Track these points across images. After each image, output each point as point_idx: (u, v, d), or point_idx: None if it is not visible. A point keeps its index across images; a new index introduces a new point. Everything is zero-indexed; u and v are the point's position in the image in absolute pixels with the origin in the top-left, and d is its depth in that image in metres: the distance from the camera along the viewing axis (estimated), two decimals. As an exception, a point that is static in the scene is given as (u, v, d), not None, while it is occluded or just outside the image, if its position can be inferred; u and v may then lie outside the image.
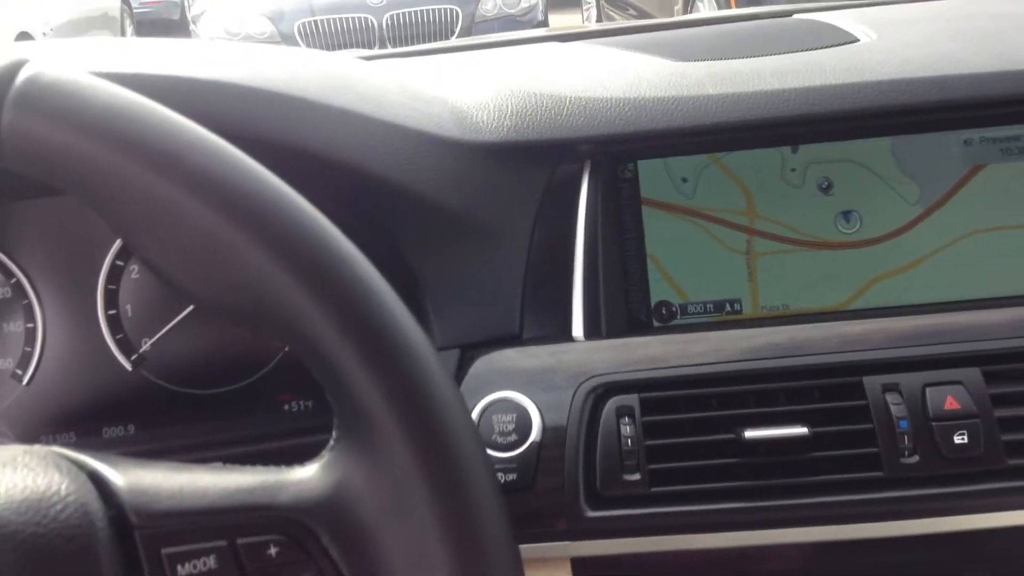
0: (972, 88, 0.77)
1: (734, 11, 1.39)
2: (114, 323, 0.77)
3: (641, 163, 0.84)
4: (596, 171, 0.82)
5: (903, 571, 0.71)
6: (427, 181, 0.74)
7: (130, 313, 0.77)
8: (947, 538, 0.69)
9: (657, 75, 0.83)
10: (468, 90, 0.83)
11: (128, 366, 0.77)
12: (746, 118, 0.77)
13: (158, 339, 0.77)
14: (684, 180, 0.84)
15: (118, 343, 0.77)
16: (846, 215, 0.82)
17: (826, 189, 0.82)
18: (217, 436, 0.75)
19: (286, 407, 0.78)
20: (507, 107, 0.80)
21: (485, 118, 0.79)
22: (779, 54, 0.86)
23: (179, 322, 0.76)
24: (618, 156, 0.83)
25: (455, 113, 0.79)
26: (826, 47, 0.87)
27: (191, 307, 0.75)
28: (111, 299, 0.77)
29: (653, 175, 0.84)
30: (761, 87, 0.79)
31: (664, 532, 0.69)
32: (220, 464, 0.44)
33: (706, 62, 0.86)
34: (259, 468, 0.44)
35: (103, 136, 0.40)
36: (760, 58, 0.85)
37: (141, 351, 0.77)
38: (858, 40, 0.89)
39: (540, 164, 0.80)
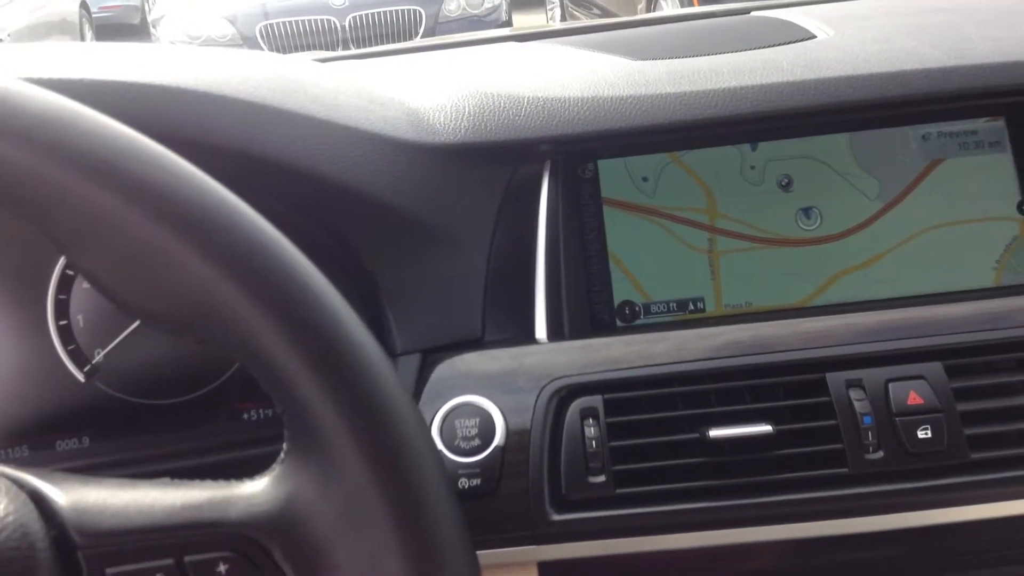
0: (928, 83, 0.78)
1: (694, 9, 1.39)
2: (65, 334, 0.75)
3: (601, 163, 0.83)
4: (556, 171, 0.81)
5: (870, 567, 0.72)
6: (383, 185, 0.73)
7: (82, 323, 0.75)
8: (913, 533, 0.69)
9: (616, 74, 0.83)
10: (425, 92, 0.82)
11: (81, 377, 0.75)
12: (704, 116, 0.77)
13: (111, 349, 0.75)
14: (645, 179, 0.83)
15: (70, 354, 0.75)
16: (806, 211, 0.82)
17: (786, 186, 0.82)
18: (175, 447, 0.74)
19: (246, 416, 0.76)
20: (464, 108, 0.79)
21: (442, 120, 0.78)
22: (737, 52, 0.86)
23: (133, 332, 0.74)
24: (578, 156, 0.83)
25: (411, 115, 0.78)
26: (784, 44, 0.87)
27: None
28: (62, 309, 0.75)
29: (614, 175, 0.83)
30: (719, 85, 0.78)
31: (630, 534, 0.69)
32: (168, 479, 0.43)
33: (665, 60, 0.85)
34: (208, 483, 0.42)
35: (35, 144, 0.38)
36: (718, 56, 0.85)
37: (94, 362, 0.75)
38: (815, 37, 0.89)
39: (499, 165, 0.79)
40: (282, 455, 0.43)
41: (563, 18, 7.22)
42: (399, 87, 0.84)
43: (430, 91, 0.82)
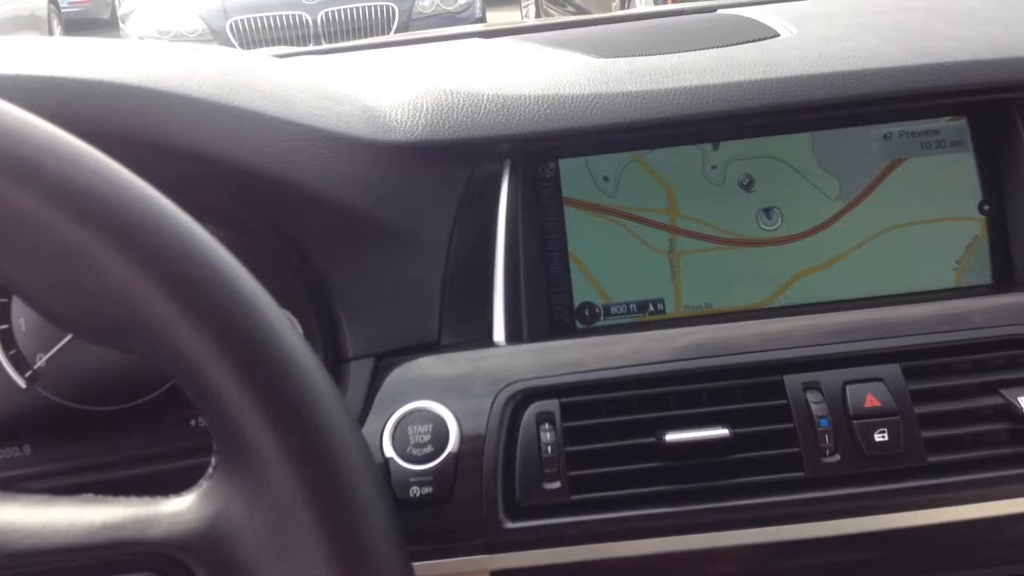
0: (890, 82, 0.77)
1: (660, 7, 1.38)
2: (6, 338, 0.72)
3: (562, 162, 0.82)
4: (516, 170, 0.80)
5: (827, 572, 0.71)
6: (336, 183, 0.71)
7: (24, 327, 0.73)
8: (869, 538, 0.68)
9: (577, 72, 0.81)
10: (383, 88, 0.80)
11: (22, 383, 0.72)
12: (665, 115, 0.76)
13: (54, 354, 0.72)
14: (606, 179, 0.82)
15: (11, 359, 0.73)
16: (767, 212, 0.81)
17: (747, 186, 0.81)
18: (119, 455, 0.71)
19: (193, 423, 0.74)
20: (422, 105, 0.77)
21: (399, 117, 0.76)
22: (700, 50, 0.85)
23: (76, 336, 0.72)
24: (539, 155, 0.82)
25: (367, 112, 0.76)
26: (747, 42, 0.86)
27: None
28: (2, 313, 0.72)
29: (575, 174, 0.82)
30: (681, 83, 0.77)
31: (586, 541, 0.67)
32: (91, 495, 0.41)
33: (627, 58, 0.84)
34: (132, 499, 0.41)
35: None
36: (681, 54, 0.84)
37: (36, 367, 0.73)
38: (779, 35, 0.88)
39: (458, 164, 0.78)
40: (210, 470, 0.41)
41: (538, 15, 7.21)
42: (356, 84, 0.82)
43: (388, 88, 0.81)
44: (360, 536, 0.39)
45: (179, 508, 0.40)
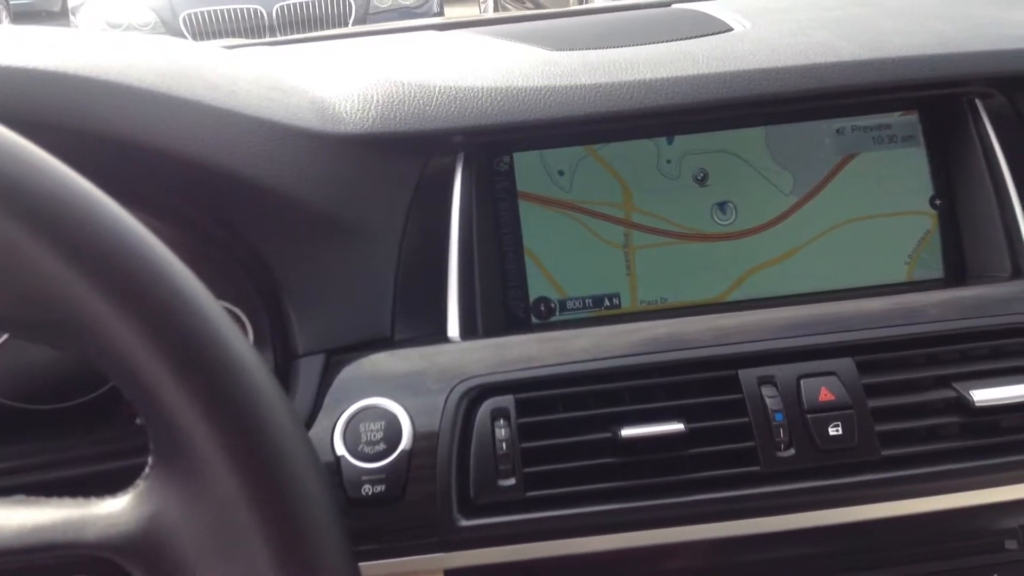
0: (842, 77, 0.77)
1: (616, 3, 1.38)
2: None
3: (517, 155, 0.81)
4: (470, 164, 0.79)
5: (783, 567, 0.71)
6: (284, 176, 0.69)
7: None
8: (824, 532, 0.68)
9: (531, 65, 0.80)
10: (333, 80, 0.79)
11: None
12: (619, 108, 0.75)
13: None
14: (561, 173, 0.81)
15: None
16: (722, 206, 0.81)
17: (702, 180, 0.81)
18: (61, 455, 0.69)
19: (138, 420, 0.72)
20: (373, 97, 0.76)
21: (349, 108, 0.75)
22: (654, 43, 0.84)
23: (9, 334, 0.70)
24: (493, 148, 0.81)
25: (316, 104, 0.75)
26: (701, 36, 0.86)
27: None
28: None
29: (529, 168, 0.81)
30: (634, 77, 0.77)
31: (541, 538, 0.66)
32: (23, 496, 0.39)
33: (581, 51, 0.84)
34: (66, 500, 0.39)
35: None
36: (636, 47, 0.83)
37: None
38: (732, 29, 0.88)
39: (410, 157, 0.76)
40: (147, 469, 0.39)
41: (496, 10, 7.19)
42: (307, 75, 0.80)
43: (339, 79, 0.79)
44: (304, 537, 0.38)
45: (114, 510, 0.38)
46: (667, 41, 0.85)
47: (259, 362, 0.39)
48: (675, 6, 1.06)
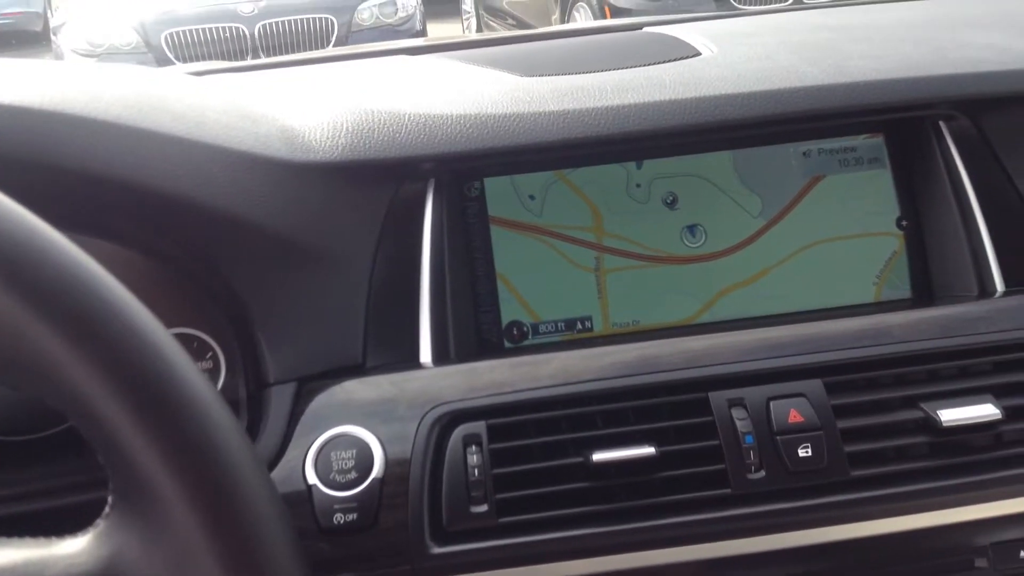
0: (807, 101, 0.78)
1: (588, 24, 1.39)
2: None
3: (488, 181, 0.82)
4: (441, 190, 0.79)
5: None
6: (253, 205, 0.69)
7: None
8: (795, 553, 0.69)
9: (500, 91, 0.81)
10: (302, 107, 0.79)
11: None
12: (587, 134, 0.76)
13: None
14: (532, 197, 0.82)
15: None
16: (691, 229, 0.82)
17: (671, 204, 0.82)
18: (28, 487, 0.69)
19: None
20: (343, 125, 0.76)
21: (319, 137, 0.75)
22: (622, 69, 0.85)
23: None
24: (464, 174, 0.81)
25: (285, 132, 0.75)
26: (669, 61, 0.87)
27: None
28: None
29: (500, 193, 0.82)
30: (602, 103, 0.77)
31: (513, 564, 0.67)
32: (-19, 538, 0.39)
33: (550, 77, 0.84)
34: (26, 540, 0.39)
35: None
36: (604, 73, 0.84)
37: None
38: (700, 54, 0.89)
39: (380, 184, 0.77)
40: (107, 509, 0.39)
41: (479, 28, 7.22)
42: (276, 103, 0.81)
43: (308, 107, 0.79)
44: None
45: (74, 550, 0.38)
46: (636, 66, 0.86)
47: (216, 399, 0.39)
48: (646, 29, 1.07)
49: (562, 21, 5.72)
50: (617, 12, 5.13)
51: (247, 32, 5.23)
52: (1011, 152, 0.82)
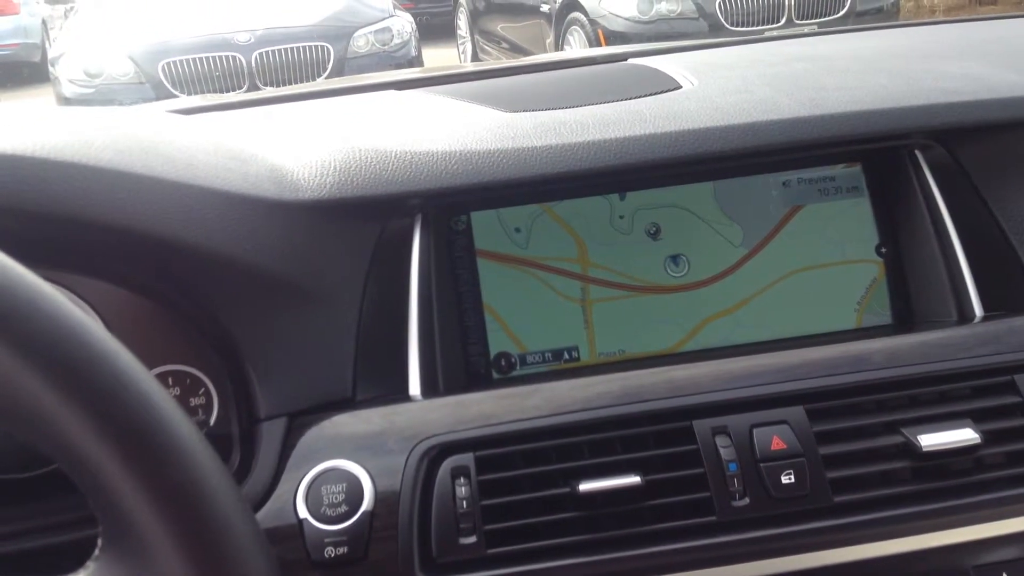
0: (784, 133, 0.80)
1: (574, 55, 1.41)
2: None
3: (474, 214, 0.83)
4: (428, 225, 0.81)
5: None
6: (243, 245, 0.71)
7: None
8: None
9: (485, 127, 0.83)
10: (290, 146, 0.81)
11: None
12: (570, 169, 0.78)
13: None
14: (517, 230, 0.83)
15: None
16: (674, 259, 0.83)
17: (654, 234, 0.84)
18: (23, 524, 0.70)
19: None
20: (330, 163, 0.78)
21: (306, 176, 0.77)
22: (605, 103, 0.87)
23: None
24: (450, 209, 0.83)
25: (274, 172, 0.77)
26: (650, 95, 0.89)
27: None
28: None
29: (487, 226, 0.83)
30: (584, 138, 0.79)
31: None
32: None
33: (534, 112, 0.86)
34: None
35: None
36: (586, 107, 0.86)
37: None
38: (680, 87, 0.91)
39: (368, 220, 0.78)
40: (96, 551, 0.40)
41: (474, 54, 7.28)
42: (264, 142, 0.82)
43: (296, 146, 0.81)
44: None
45: None
46: (618, 100, 0.88)
47: (202, 445, 0.40)
48: (631, 61, 1.09)
49: (556, 45, 5.77)
50: (611, 35, 5.18)
51: (243, 61, 5.26)
52: (986, 179, 0.84)
